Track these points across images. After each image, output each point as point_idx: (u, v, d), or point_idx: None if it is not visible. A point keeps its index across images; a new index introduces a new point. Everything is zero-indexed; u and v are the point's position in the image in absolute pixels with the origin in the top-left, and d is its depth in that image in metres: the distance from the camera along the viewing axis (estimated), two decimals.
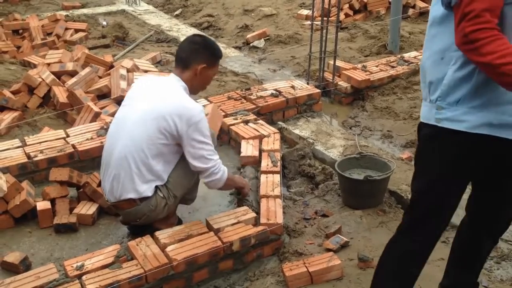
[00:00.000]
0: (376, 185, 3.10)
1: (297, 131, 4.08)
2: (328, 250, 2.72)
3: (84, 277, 2.37)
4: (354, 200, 3.16)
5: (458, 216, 3.02)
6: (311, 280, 2.50)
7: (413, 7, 7.22)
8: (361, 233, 2.90)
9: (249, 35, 6.63)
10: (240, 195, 3.08)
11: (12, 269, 2.63)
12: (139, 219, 2.75)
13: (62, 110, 4.30)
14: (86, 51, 5.25)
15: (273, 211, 2.86)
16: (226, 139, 3.93)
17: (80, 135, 3.69)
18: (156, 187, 2.70)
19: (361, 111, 4.58)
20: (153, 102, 2.66)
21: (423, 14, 7.08)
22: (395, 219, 3.02)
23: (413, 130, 4.09)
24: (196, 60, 2.71)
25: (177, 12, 8.09)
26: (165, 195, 2.71)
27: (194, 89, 2.81)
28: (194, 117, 2.59)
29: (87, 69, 4.63)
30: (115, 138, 2.71)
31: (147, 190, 2.66)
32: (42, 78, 4.50)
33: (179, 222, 2.98)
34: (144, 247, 2.56)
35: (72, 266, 2.44)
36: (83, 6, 8.14)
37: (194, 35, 2.98)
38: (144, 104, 2.67)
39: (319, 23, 4.75)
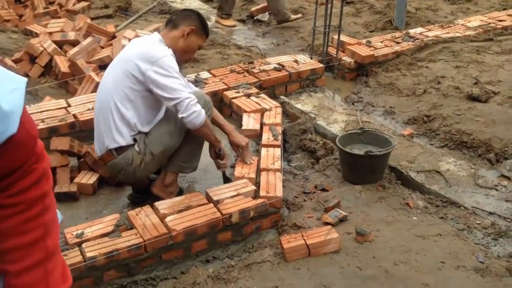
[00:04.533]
0: (377, 161, 3.10)
1: (299, 106, 4.06)
2: (327, 223, 2.73)
3: (83, 245, 2.39)
4: (354, 175, 3.16)
5: (457, 193, 3.04)
6: (309, 253, 2.52)
7: None
8: (360, 207, 2.91)
9: (253, 8, 6.54)
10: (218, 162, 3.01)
11: None
12: (120, 174, 2.83)
13: (64, 80, 4.29)
14: (88, 20, 5.20)
15: (273, 185, 2.86)
16: (228, 112, 3.91)
17: (82, 105, 3.68)
18: (135, 141, 2.76)
19: (364, 87, 4.54)
20: (124, 52, 2.80)
21: None
22: (394, 194, 3.03)
23: (416, 107, 4.07)
24: (186, 23, 2.81)
25: None
26: (141, 150, 2.75)
27: (177, 51, 2.79)
28: (155, 55, 2.65)
29: (89, 39, 4.60)
30: (97, 92, 2.88)
31: (120, 138, 2.74)
32: (43, 47, 4.47)
33: (180, 191, 3.00)
34: (143, 217, 2.58)
35: (72, 234, 2.47)
36: None
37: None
38: (119, 56, 2.84)
39: None
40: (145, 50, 2.68)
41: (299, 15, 6.17)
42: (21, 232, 0.78)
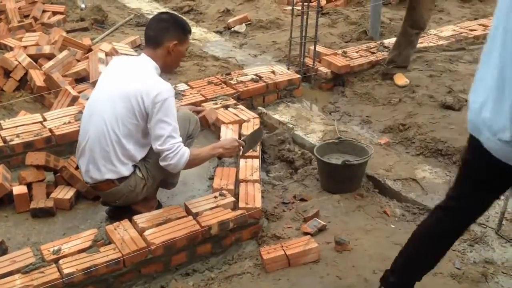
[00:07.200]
0: (354, 170, 3.13)
1: (277, 116, 4.08)
2: (306, 233, 2.74)
3: (61, 261, 2.36)
4: (332, 184, 3.19)
5: (433, 200, 3.08)
6: (288, 263, 2.52)
7: None
8: (338, 217, 2.93)
9: (230, 20, 6.57)
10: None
11: None
12: (118, 200, 2.76)
13: (39, 94, 4.24)
14: (64, 34, 5.15)
15: (252, 195, 2.87)
16: (206, 124, 3.90)
17: (58, 119, 3.64)
18: (136, 167, 2.71)
19: (341, 97, 4.60)
20: (122, 82, 2.65)
21: (404, 0, 7.08)
22: (372, 203, 3.06)
23: (391, 116, 4.13)
24: (167, 38, 2.68)
25: None
26: (144, 175, 2.72)
27: (168, 67, 2.78)
28: (160, 95, 2.56)
29: (65, 52, 4.56)
30: (88, 120, 2.72)
31: (124, 169, 2.68)
32: (18, 61, 4.41)
33: (159, 205, 2.98)
34: (122, 231, 2.55)
35: (48, 250, 2.43)
36: None
37: (161, 13, 3.01)
38: (114, 85, 2.68)
39: (300, 8, 4.73)
40: (149, 88, 2.57)
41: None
42: None
